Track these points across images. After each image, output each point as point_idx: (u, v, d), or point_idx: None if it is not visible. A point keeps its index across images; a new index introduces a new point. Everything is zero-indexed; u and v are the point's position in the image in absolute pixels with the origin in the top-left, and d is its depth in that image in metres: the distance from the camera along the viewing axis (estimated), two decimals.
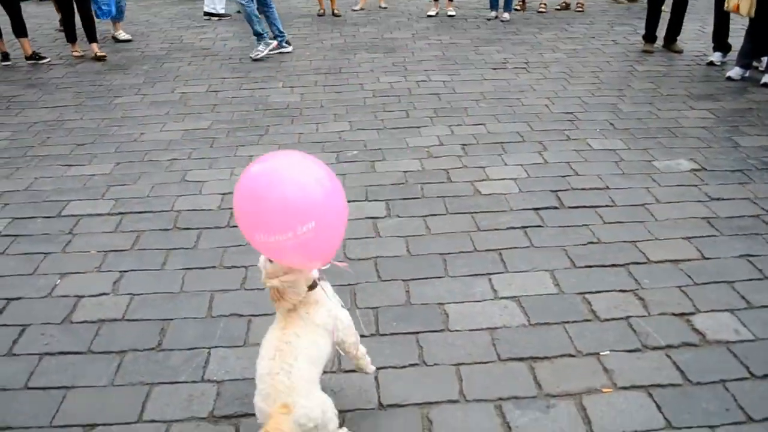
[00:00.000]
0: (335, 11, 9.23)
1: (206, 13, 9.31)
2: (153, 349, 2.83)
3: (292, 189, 1.86)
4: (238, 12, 8.82)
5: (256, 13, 7.12)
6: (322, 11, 9.33)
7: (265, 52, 7.21)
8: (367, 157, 4.61)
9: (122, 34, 8.30)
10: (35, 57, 7.45)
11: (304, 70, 6.72)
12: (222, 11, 9.31)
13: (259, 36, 7.19)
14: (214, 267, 3.38)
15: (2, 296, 3.22)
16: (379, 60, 7.00)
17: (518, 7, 9.17)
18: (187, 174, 4.42)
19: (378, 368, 2.62)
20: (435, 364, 2.69)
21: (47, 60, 7.47)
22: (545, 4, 9.13)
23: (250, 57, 7.19)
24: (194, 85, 6.30)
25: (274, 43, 7.32)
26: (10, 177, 4.53)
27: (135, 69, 6.97)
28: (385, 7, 9.61)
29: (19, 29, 7.28)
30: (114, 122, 5.46)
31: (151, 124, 5.35)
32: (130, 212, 3.96)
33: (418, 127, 5.11)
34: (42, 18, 9.56)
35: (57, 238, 3.72)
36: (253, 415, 2.45)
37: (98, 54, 7.48)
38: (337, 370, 2.67)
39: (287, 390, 2.05)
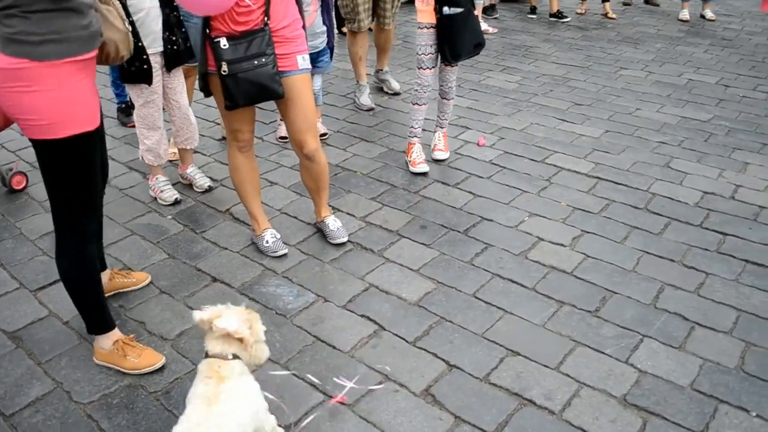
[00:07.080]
0: None
1: None
2: (590, 312, 2.90)
3: None
4: None
5: None
6: None
7: None
8: None
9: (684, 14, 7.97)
10: (558, 15, 8.00)
11: None
12: None
13: None
14: (672, 260, 3.24)
15: (479, 214, 3.68)
16: None
17: None
18: (672, 161, 4.25)
19: None
20: None
21: (567, 20, 7.96)
22: None
23: None
24: (704, 74, 5.94)
25: None
26: (511, 116, 5.05)
27: (647, 45, 6.90)
28: None
29: None
30: (613, 91, 5.55)
31: (649, 103, 5.27)
32: (606, 179, 4.03)
33: None
34: None
35: (536, 181, 4.04)
36: (664, 418, 2.34)
37: (609, 14, 8.15)
38: None
39: None
